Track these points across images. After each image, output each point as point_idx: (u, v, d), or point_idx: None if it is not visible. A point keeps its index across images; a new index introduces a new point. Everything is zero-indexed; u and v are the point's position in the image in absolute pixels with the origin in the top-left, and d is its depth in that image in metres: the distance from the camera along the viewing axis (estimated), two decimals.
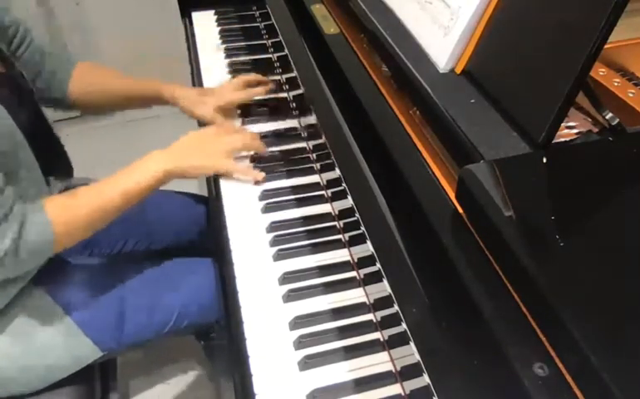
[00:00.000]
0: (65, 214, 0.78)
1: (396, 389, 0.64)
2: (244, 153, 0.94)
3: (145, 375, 1.46)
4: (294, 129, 1.01)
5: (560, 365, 0.44)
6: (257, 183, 0.89)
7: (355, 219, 0.73)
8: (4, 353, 0.83)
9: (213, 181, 0.93)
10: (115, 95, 1.05)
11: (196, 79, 1.17)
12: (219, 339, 1.07)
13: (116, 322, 0.90)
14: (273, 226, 0.84)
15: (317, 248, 0.80)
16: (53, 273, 0.89)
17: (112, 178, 0.83)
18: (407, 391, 0.63)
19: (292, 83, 1.05)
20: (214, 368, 1.35)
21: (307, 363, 0.67)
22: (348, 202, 0.75)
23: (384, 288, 0.64)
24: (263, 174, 0.90)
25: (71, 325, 0.86)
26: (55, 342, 0.86)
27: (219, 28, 1.30)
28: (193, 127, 1.08)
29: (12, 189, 0.74)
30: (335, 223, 0.83)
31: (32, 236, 0.74)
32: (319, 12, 0.99)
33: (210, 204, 0.95)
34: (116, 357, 1.13)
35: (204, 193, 1.02)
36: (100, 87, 1.04)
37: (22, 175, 0.79)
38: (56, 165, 0.93)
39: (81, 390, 0.92)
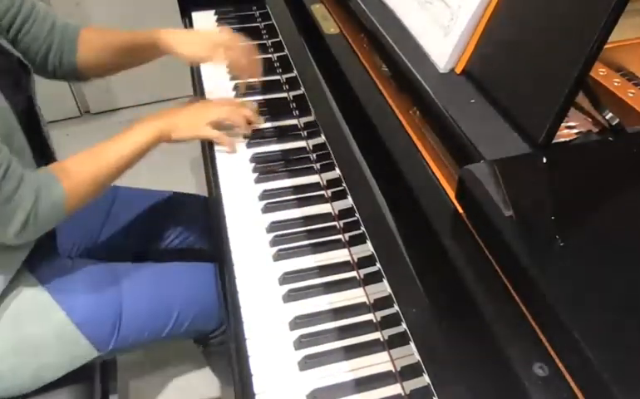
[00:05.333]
0: (71, 179, 0.80)
1: (396, 389, 0.64)
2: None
3: (145, 375, 1.46)
4: (294, 128, 1.01)
5: (560, 365, 0.44)
6: (245, 136, 0.98)
7: (355, 219, 0.73)
8: None
9: (213, 181, 0.93)
10: (120, 54, 1.05)
11: (196, 78, 1.17)
12: (217, 345, 1.06)
13: (114, 323, 0.90)
14: (273, 226, 0.83)
15: (317, 248, 0.80)
16: (52, 271, 0.89)
17: (111, 141, 0.86)
18: (407, 391, 0.63)
19: (292, 83, 1.05)
20: (214, 372, 1.35)
21: (307, 363, 0.67)
22: (348, 202, 0.75)
23: (384, 288, 0.64)
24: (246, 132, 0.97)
25: (67, 323, 0.86)
26: (49, 340, 0.85)
27: (219, 28, 1.29)
28: None
29: (17, 161, 0.75)
30: (335, 223, 0.83)
31: (47, 202, 0.76)
32: (319, 12, 0.99)
33: (210, 205, 0.95)
34: (116, 357, 1.13)
35: (204, 193, 1.02)
36: (106, 51, 1.03)
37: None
38: (44, 155, 0.93)
39: (81, 391, 0.92)
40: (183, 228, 1.14)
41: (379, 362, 0.67)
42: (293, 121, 1.03)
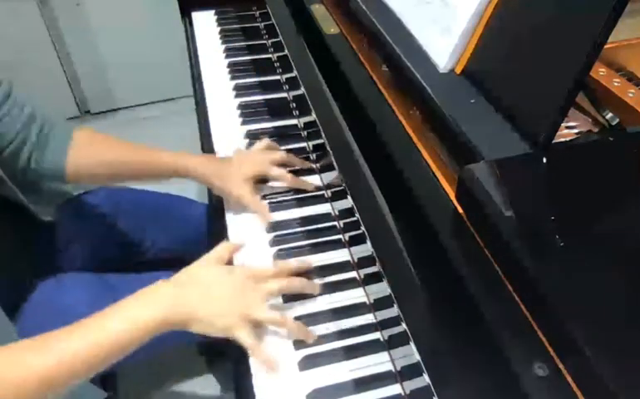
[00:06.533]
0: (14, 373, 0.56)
1: (396, 389, 0.64)
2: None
3: (145, 380, 1.46)
4: (294, 128, 1.01)
5: (560, 365, 0.44)
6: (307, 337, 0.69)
7: (355, 219, 0.73)
8: None
9: None
10: (121, 169, 0.88)
11: (196, 79, 1.17)
12: (220, 354, 1.02)
13: None
14: (273, 226, 0.83)
15: (317, 248, 0.80)
16: (44, 288, 0.85)
17: (83, 325, 0.61)
18: (407, 391, 0.63)
19: (292, 83, 1.05)
20: (216, 380, 1.34)
21: (307, 363, 0.67)
22: (348, 202, 0.75)
23: (384, 288, 0.64)
24: (312, 335, 0.69)
25: None
26: None
27: (219, 28, 1.30)
28: (195, 125, 1.08)
29: None
30: (335, 223, 0.83)
31: None
32: (319, 12, 0.99)
33: (211, 204, 0.95)
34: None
35: (205, 192, 1.02)
36: (103, 159, 0.87)
37: None
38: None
39: None
40: (182, 235, 1.13)
41: (379, 362, 0.67)
42: (293, 121, 1.03)
